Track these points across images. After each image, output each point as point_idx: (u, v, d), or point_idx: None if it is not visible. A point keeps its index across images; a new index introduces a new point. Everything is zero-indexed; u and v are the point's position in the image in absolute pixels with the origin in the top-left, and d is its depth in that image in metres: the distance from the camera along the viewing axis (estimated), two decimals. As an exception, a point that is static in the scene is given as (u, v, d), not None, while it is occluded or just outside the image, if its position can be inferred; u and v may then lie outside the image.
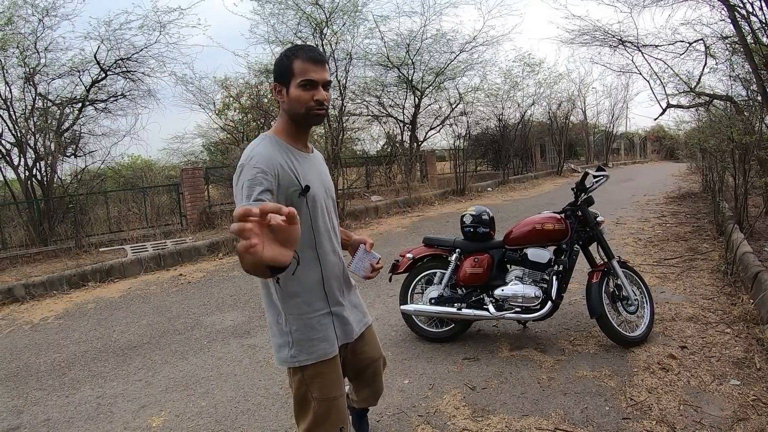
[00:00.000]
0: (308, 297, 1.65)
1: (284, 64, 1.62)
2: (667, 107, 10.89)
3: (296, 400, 1.70)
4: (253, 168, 1.51)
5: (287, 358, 1.64)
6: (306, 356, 1.63)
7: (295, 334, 1.63)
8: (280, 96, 1.65)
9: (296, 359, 1.63)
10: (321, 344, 1.65)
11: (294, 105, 1.62)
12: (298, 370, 1.65)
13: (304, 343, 1.63)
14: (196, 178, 10.52)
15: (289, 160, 1.62)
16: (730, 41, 8.36)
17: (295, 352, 1.63)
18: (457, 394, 2.93)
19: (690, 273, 5.00)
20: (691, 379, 2.91)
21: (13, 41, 8.68)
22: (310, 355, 1.64)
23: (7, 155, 9.09)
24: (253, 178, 1.49)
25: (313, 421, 1.67)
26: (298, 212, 1.38)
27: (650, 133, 34.13)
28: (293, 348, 1.63)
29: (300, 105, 1.62)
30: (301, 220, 1.42)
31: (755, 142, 5.67)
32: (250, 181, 1.49)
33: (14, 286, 6.16)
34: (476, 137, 18.82)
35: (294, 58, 1.60)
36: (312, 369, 1.64)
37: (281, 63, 1.63)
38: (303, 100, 1.60)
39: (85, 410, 3.12)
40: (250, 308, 4.96)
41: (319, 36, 11.61)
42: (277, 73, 1.64)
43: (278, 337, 1.66)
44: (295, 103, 1.62)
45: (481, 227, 3.66)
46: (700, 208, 9.07)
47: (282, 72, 1.63)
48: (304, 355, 1.63)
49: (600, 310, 3.32)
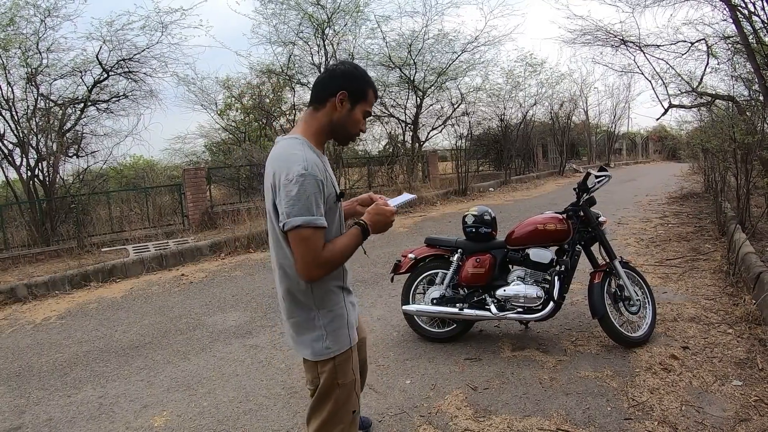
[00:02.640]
0: (336, 290, 1.75)
1: (362, 86, 1.68)
2: (669, 107, 10.88)
3: (322, 392, 1.74)
4: (315, 179, 1.53)
5: (322, 351, 1.70)
6: (339, 346, 1.72)
7: (328, 326, 1.70)
8: (341, 106, 1.66)
9: (331, 350, 1.70)
10: (350, 331, 1.76)
11: (349, 123, 1.70)
12: (330, 361, 1.71)
13: (336, 333, 1.71)
14: (198, 178, 10.53)
15: (325, 166, 1.65)
16: (732, 41, 8.35)
17: (330, 343, 1.70)
18: (459, 394, 2.93)
19: (692, 273, 4.99)
20: (693, 380, 2.90)
21: (15, 42, 8.70)
22: (342, 343, 1.73)
23: (9, 155, 9.11)
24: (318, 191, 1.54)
25: (333, 408, 1.74)
26: (333, 215, 1.66)
27: (652, 133, 34.09)
28: (327, 340, 1.70)
29: (354, 127, 1.72)
30: (335, 221, 1.67)
31: (757, 142, 5.66)
32: (315, 194, 1.53)
33: (16, 286, 6.17)
34: (478, 137, 18.81)
35: (370, 87, 1.70)
36: (342, 356, 1.73)
37: (360, 82, 1.68)
38: (359, 125, 1.72)
39: (87, 410, 3.13)
40: (252, 308, 4.97)
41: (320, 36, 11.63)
42: (351, 87, 1.66)
43: (311, 333, 1.71)
44: (351, 123, 1.70)
45: (483, 227, 3.66)
46: (703, 208, 9.05)
47: (357, 90, 1.67)
48: (337, 345, 1.71)
49: (602, 311, 3.32)
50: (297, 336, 1.74)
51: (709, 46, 9.23)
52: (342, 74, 1.66)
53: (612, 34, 10.95)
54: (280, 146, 1.64)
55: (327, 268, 1.59)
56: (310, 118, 1.70)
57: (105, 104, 10.67)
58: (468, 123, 16.36)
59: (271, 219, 1.65)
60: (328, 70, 1.72)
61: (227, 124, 15.97)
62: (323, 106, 1.67)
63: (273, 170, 1.58)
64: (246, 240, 8.23)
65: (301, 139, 1.64)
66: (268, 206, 1.65)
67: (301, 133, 1.67)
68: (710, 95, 9.80)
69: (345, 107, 1.66)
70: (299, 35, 12.29)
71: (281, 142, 1.66)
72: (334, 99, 1.64)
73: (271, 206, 1.61)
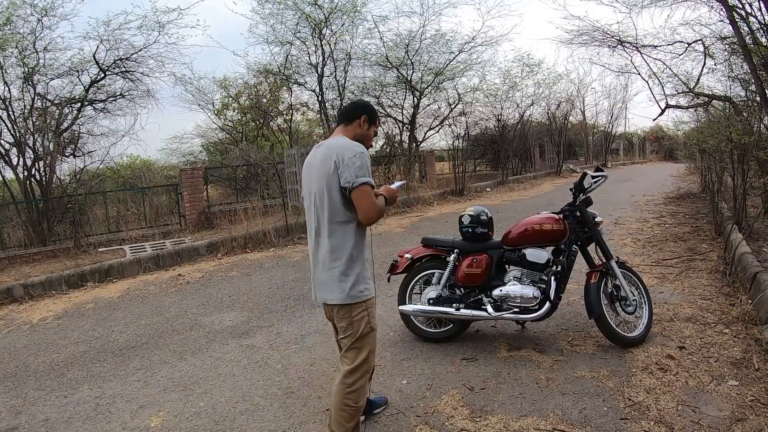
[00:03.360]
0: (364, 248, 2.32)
1: (374, 113, 2.48)
2: (666, 107, 10.90)
3: (360, 335, 2.23)
4: (368, 157, 2.25)
5: (357, 294, 2.21)
6: (370, 290, 2.26)
7: (363, 273, 2.25)
8: (364, 125, 2.41)
9: (364, 293, 2.23)
10: (372, 283, 2.31)
11: (365, 138, 2.43)
12: (362, 304, 2.23)
13: (368, 280, 2.27)
14: (195, 178, 10.52)
15: None
16: (729, 42, 8.37)
17: (363, 287, 2.23)
18: (455, 394, 2.94)
19: (688, 273, 5.00)
20: (689, 380, 2.91)
21: (12, 41, 8.68)
22: (371, 289, 2.28)
23: (6, 155, 9.08)
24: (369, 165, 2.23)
25: (370, 349, 2.27)
26: None
27: (649, 133, 34.16)
28: (361, 284, 2.23)
29: (369, 140, 2.47)
30: None
31: (754, 142, 5.68)
32: (369, 165, 2.22)
33: (13, 286, 6.15)
34: (475, 137, 18.82)
35: (377, 115, 2.51)
36: (371, 301, 2.28)
37: (373, 110, 2.48)
38: (371, 139, 2.49)
39: (83, 410, 3.12)
40: (249, 309, 4.96)
41: (318, 36, 11.62)
42: (369, 115, 2.43)
43: (349, 278, 2.21)
44: (366, 137, 2.44)
45: (480, 227, 3.66)
46: (699, 208, 9.07)
47: (372, 118, 2.46)
48: (369, 289, 2.26)
49: (598, 311, 3.33)
50: (338, 282, 2.20)
51: (706, 47, 9.26)
52: (362, 106, 2.47)
53: (609, 34, 10.96)
54: (332, 141, 2.29)
55: (379, 214, 2.21)
56: (344, 130, 2.41)
57: (102, 104, 10.65)
58: (465, 123, 16.38)
59: (322, 194, 2.22)
60: (352, 102, 2.56)
61: (224, 124, 15.96)
62: (351, 124, 2.40)
63: (334, 155, 2.19)
64: (243, 240, 8.22)
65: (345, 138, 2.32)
66: (316, 187, 2.26)
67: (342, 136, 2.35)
68: (707, 96, 9.82)
69: (365, 126, 2.42)
70: (296, 35, 12.28)
71: (329, 141, 2.32)
72: (359, 120, 2.39)
73: (325, 184, 2.20)
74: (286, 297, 5.26)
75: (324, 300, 2.28)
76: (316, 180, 2.26)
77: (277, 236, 8.53)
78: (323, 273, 2.25)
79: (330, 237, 2.23)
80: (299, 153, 10.65)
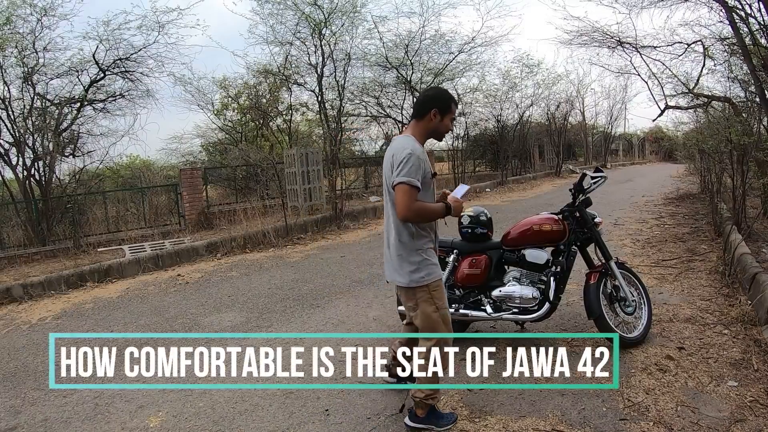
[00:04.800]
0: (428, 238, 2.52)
1: (447, 102, 2.54)
2: (665, 108, 10.89)
3: (424, 316, 2.50)
4: (418, 158, 2.38)
5: (418, 279, 2.46)
6: (430, 276, 2.48)
7: (423, 261, 2.47)
8: (434, 118, 2.51)
9: (424, 279, 2.46)
10: (437, 269, 2.53)
11: (441, 128, 2.57)
12: (424, 287, 2.47)
13: (429, 267, 2.48)
14: (194, 178, 10.51)
15: (424, 155, 2.45)
16: (729, 43, 8.37)
17: (425, 274, 2.46)
18: (454, 394, 2.94)
19: (688, 274, 5.00)
20: (688, 380, 2.91)
21: (11, 41, 8.66)
22: (433, 274, 2.49)
23: (5, 155, 9.07)
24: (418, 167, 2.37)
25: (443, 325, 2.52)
26: (428, 186, 2.48)
27: (649, 134, 34.16)
28: (422, 271, 2.46)
29: (445, 130, 2.60)
30: (429, 190, 2.52)
31: (753, 143, 5.68)
32: (416, 166, 2.36)
33: (12, 286, 6.15)
34: (475, 138, 18.82)
35: (452, 101, 2.57)
36: (434, 284, 2.50)
37: (445, 100, 2.54)
38: (448, 127, 2.60)
39: (82, 410, 3.12)
40: (248, 309, 4.96)
41: (318, 36, 11.61)
42: (439, 105, 2.51)
43: (410, 266, 2.47)
44: (443, 128, 2.57)
45: (479, 228, 3.67)
46: (699, 209, 9.08)
47: (444, 109, 2.52)
48: (430, 276, 2.48)
49: (598, 311, 3.32)
50: (399, 270, 2.50)
51: (706, 48, 9.25)
52: (431, 98, 2.55)
53: (609, 35, 10.95)
54: (398, 139, 2.53)
55: (414, 214, 2.37)
56: (416, 125, 2.56)
57: (101, 104, 10.62)
58: (465, 123, 16.37)
59: (389, 191, 2.48)
60: (423, 93, 2.70)
61: (224, 125, 15.93)
62: (422, 119, 2.53)
63: (393, 153, 2.44)
64: (242, 240, 8.22)
65: (411, 137, 2.51)
66: (386, 185, 2.51)
67: (411, 134, 2.54)
68: (707, 96, 9.81)
69: (437, 119, 2.52)
70: (296, 35, 12.25)
71: (399, 137, 2.55)
72: (430, 114, 2.50)
73: (387, 179, 2.49)
74: (286, 297, 5.25)
75: (392, 280, 2.60)
76: (386, 175, 2.55)
77: (277, 237, 8.53)
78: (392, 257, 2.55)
79: (393, 229, 2.52)
80: (299, 153, 10.65)
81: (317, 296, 5.20)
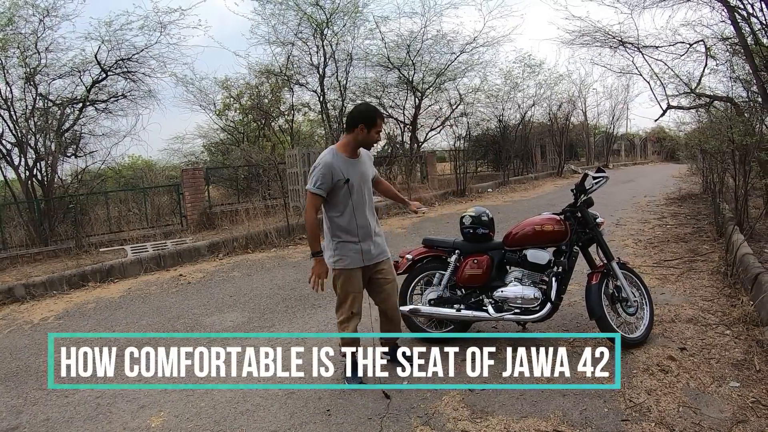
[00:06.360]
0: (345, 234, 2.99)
1: (372, 118, 2.92)
2: (667, 108, 10.88)
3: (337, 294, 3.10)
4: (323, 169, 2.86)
5: (330, 264, 3.00)
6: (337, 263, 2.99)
7: (335, 250, 2.99)
8: (362, 132, 2.91)
9: (333, 265, 3.00)
10: (346, 259, 2.99)
11: (369, 140, 2.99)
12: (336, 271, 3.02)
13: (338, 256, 2.98)
14: (196, 178, 10.53)
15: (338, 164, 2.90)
16: (731, 42, 8.36)
17: (333, 261, 2.99)
18: (456, 395, 2.93)
19: (690, 274, 4.99)
20: (690, 381, 2.90)
21: (13, 41, 8.70)
22: (339, 262, 2.99)
23: (7, 155, 9.10)
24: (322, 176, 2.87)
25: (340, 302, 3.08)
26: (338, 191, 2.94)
27: (651, 134, 34.07)
28: (333, 258, 2.99)
29: (372, 141, 3.04)
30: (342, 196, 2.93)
31: (755, 143, 5.66)
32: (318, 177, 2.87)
33: (14, 286, 6.16)
34: (476, 138, 18.81)
35: (378, 116, 2.96)
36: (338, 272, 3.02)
37: (371, 115, 2.92)
38: (374, 140, 3.04)
39: (84, 410, 3.12)
40: (250, 309, 4.96)
41: (319, 36, 11.62)
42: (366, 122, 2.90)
43: (329, 251, 3.01)
44: (370, 139, 3.00)
45: (481, 228, 3.66)
46: (701, 209, 9.06)
47: (370, 122, 2.91)
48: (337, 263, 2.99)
49: (599, 312, 3.32)
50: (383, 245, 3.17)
51: (708, 48, 9.24)
52: (358, 113, 2.94)
53: (610, 35, 10.95)
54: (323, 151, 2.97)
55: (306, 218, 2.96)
56: (346, 137, 2.98)
57: (103, 104, 10.67)
58: (466, 124, 16.36)
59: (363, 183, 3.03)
60: (351, 111, 3.02)
61: (226, 125, 15.94)
62: (351, 132, 2.94)
63: None
64: (244, 240, 8.23)
65: (332, 149, 2.98)
66: None
67: (339, 145, 3.02)
68: (709, 96, 9.80)
69: (364, 132, 2.92)
70: (298, 36, 12.28)
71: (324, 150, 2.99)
72: (358, 128, 2.91)
73: None
74: (287, 297, 5.26)
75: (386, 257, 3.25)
76: None
77: (279, 237, 8.53)
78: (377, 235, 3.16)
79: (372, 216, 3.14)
80: (300, 154, 10.65)
81: (319, 296, 5.19)
